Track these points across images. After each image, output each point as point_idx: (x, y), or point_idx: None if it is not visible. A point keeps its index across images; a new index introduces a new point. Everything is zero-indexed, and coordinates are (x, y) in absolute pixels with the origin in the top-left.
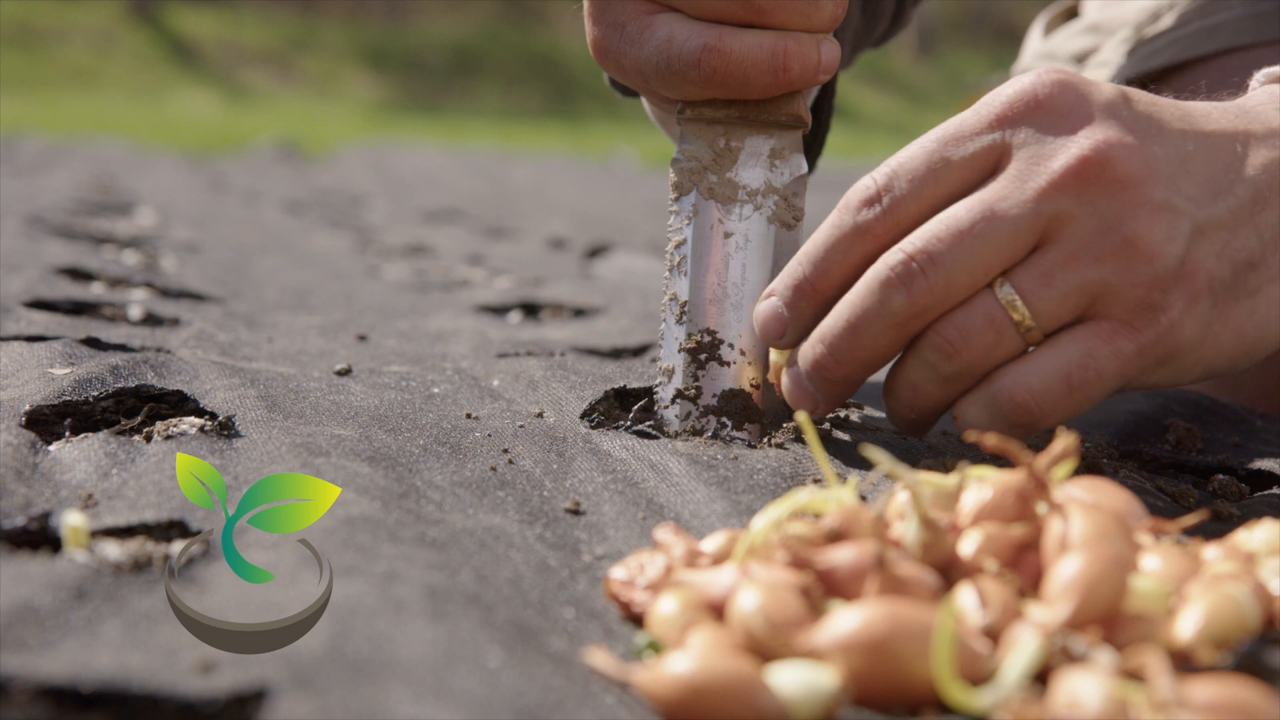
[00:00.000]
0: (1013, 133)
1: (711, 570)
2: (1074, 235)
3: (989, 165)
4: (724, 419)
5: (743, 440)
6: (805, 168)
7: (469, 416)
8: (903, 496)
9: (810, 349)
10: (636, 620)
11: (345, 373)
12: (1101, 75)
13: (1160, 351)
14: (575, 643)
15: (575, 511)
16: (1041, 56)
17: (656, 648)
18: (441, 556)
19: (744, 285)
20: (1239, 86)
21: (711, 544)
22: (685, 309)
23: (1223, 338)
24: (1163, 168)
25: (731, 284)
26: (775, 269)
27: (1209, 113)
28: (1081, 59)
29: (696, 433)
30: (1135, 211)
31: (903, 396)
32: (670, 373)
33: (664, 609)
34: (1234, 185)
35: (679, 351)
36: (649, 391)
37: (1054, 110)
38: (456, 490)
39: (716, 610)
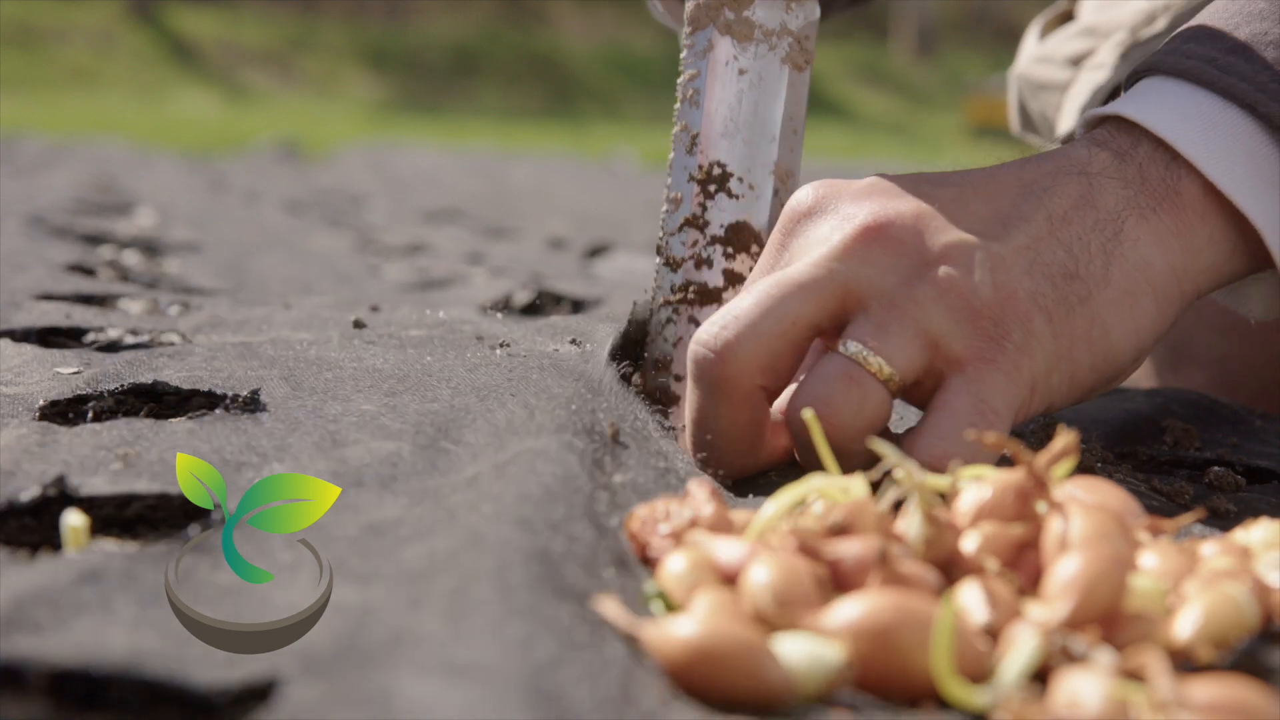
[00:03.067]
0: (792, 239)
1: (725, 539)
2: (884, 292)
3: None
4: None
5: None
6: (818, 12)
7: (492, 377)
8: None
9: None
10: (651, 564)
11: (360, 325)
12: (1098, 78)
13: (1025, 378)
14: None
15: (616, 439)
16: (1038, 59)
17: (666, 601)
18: (465, 540)
19: (755, 123)
20: None
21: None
22: (696, 140)
23: (1076, 350)
24: (941, 215)
25: (744, 120)
26: (787, 110)
27: (995, 169)
28: (1077, 61)
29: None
30: (926, 258)
31: None
32: (678, 201)
33: (673, 567)
34: (1025, 214)
35: (689, 181)
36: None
37: (818, 211)
38: (486, 469)
39: (726, 579)
